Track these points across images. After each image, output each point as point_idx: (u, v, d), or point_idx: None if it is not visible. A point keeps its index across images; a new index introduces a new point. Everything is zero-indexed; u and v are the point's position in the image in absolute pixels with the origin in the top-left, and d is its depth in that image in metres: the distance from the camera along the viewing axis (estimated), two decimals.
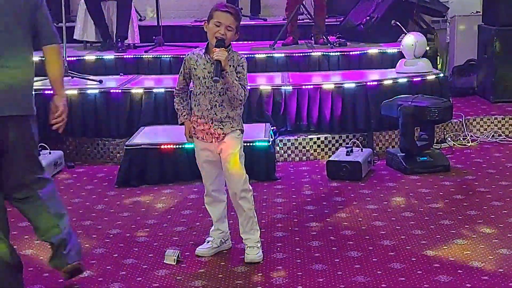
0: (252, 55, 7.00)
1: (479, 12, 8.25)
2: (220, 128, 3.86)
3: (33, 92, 3.66)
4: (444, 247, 4.06)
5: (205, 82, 3.82)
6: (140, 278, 3.77)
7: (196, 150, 4.01)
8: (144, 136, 5.80)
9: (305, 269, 3.82)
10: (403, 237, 4.25)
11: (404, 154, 5.65)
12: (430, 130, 5.82)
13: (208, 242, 4.08)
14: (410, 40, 6.64)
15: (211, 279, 3.75)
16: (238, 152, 3.90)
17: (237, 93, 3.78)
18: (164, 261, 3.95)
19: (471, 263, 3.82)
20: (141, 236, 4.40)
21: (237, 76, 3.81)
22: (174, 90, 4.03)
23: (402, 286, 3.58)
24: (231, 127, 3.87)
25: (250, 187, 3.97)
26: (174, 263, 3.91)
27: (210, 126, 3.86)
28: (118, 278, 3.79)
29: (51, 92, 3.78)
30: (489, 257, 3.90)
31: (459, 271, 3.73)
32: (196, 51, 3.92)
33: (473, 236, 4.22)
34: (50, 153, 5.86)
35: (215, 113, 3.84)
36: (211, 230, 4.11)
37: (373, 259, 3.92)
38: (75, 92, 6.25)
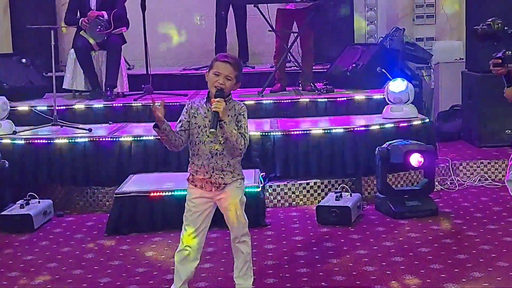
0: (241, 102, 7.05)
1: (463, 58, 8.41)
2: (221, 178, 3.86)
3: None
4: None
5: (206, 131, 3.82)
6: None
7: (188, 199, 3.94)
8: (133, 184, 5.81)
9: None
10: (393, 282, 4.26)
11: (390, 198, 5.71)
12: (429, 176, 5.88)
13: None
14: (396, 86, 6.75)
15: None
16: (240, 200, 3.91)
17: (237, 142, 3.79)
18: None
19: None
20: (132, 285, 4.38)
21: (237, 125, 3.84)
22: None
23: None
24: (232, 177, 3.88)
25: (248, 232, 3.99)
26: None
27: (211, 176, 3.85)
28: None
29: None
30: None
31: None
32: (197, 100, 3.94)
33: (463, 280, 4.24)
34: (39, 202, 5.84)
35: (216, 162, 3.84)
36: None
37: None
38: (64, 141, 6.27)
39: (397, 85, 6.77)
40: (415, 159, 5.74)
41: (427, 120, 6.86)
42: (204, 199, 3.90)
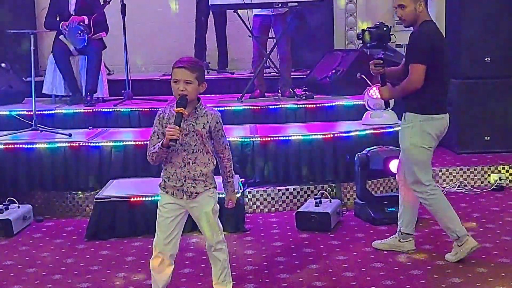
0: (220, 108, 7.07)
1: None
2: (193, 187, 3.83)
3: None
4: None
5: (178, 139, 3.74)
6: None
7: (160, 205, 3.89)
8: (113, 189, 5.79)
9: None
10: (373, 287, 4.28)
11: (369, 204, 5.73)
12: None
13: None
14: (376, 92, 6.78)
15: None
16: (212, 209, 3.89)
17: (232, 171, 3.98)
18: None
19: None
20: None
21: (217, 135, 3.84)
22: (147, 152, 3.84)
23: None
24: (204, 186, 3.85)
25: (224, 239, 3.98)
26: None
27: (183, 184, 3.82)
28: None
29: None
30: None
31: None
32: (167, 108, 3.86)
33: (442, 286, 4.27)
34: (18, 207, 5.83)
35: (188, 171, 3.81)
36: None
37: None
38: (44, 145, 6.24)
39: (376, 91, 6.80)
40: (395, 165, 5.76)
41: None
42: (176, 206, 3.86)
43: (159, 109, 3.92)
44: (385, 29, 4.86)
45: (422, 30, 4.68)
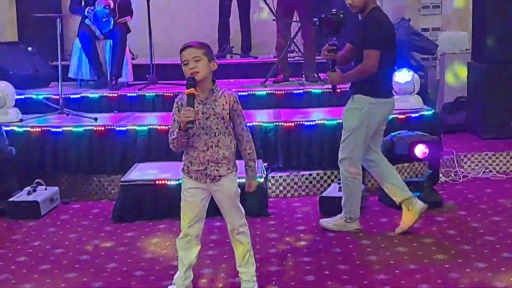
0: (244, 93, 7.08)
1: (469, 50, 8.41)
2: (216, 170, 3.83)
3: None
4: (439, 281, 4.11)
5: (200, 123, 3.76)
6: None
7: (184, 189, 3.92)
8: (138, 173, 5.84)
9: None
10: (397, 271, 4.28)
11: None
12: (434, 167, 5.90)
13: None
14: (401, 77, 6.75)
15: None
16: (234, 192, 3.91)
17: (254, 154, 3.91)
18: None
19: None
20: (138, 270, 4.42)
21: (236, 114, 3.83)
22: (169, 140, 3.83)
23: None
24: (227, 169, 3.84)
25: (246, 222, 3.99)
26: None
27: (206, 168, 3.83)
28: None
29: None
30: None
31: None
32: (184, 94, 3.80)
33: (467, 270, 4.27)
34: (46, 189, 5.89)
35: (211, 155, 3.81)
36: (176, 277, 4.00)
37: None
38: (70, 129, 6.30)
39: (403, 76, 6.78)
40: (420, 150, 5.75)
41: (432, 111, 6.87)
42: (199, 190, 3.88)
43: (177, 97, 3.91)
44: (341, 16, 4.94)
45: (375, 17, 4.86)
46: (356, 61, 4.97)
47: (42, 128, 6.35)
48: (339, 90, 7.02)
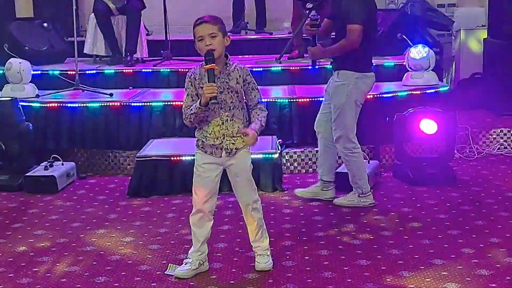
0: (258, 69, 7.08)
1: (485, 25, 8.35)
2: (232, 143, 3.85)
3: None
4: (452, 255, 4.13)
5: (215, 97, 3.75)
6: (155, 284, 3.85)
7: (198, 164, 3.91)
8: (154, 148, 5.88)
9: (314, 277, 3.88)
10: (411, 246, 4.31)
11: (408, 166, 5.73)
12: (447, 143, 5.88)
13: (186, 263, 3.98)
14: (417, 53, 6.73)
15: (223, 285, 3.83)
16: (250, 165, 3.93)
17: (265, 123, 3.85)
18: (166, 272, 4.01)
19: (478, 272, 3.88)
20: (154, 244, 4.48)
21: (250, 87, 3.85)
22: (183, 115, 3.85)
23: None
24: (242, 141, 3.86)
25: (259, 197, 4.01)
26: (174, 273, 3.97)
27: (222, 142, 3.85)
28: (134, 283, 3.87)
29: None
30: (497, 265, 3.96)
31: (467, 278, 3.79)
32: (196, 69, 3.86)
33: (480, 245, 4.28)
34: (62, 164, 5.95)
35: (227, 128, 3.83)
36: (190, 251, 4.00)
37: (382, 267, 3.99)
38: (86, 104, 6.35)
39: (418, 52, 6.75)
40: (425, 124, 5.74)
41: (448, 87, 6.85)
42: (213, 165, 3.89)
43: (188, 71, 3.92)
44: None
45: None
46: (336, 36, 5.00)
47: (59, 104, 6.40)
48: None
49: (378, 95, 6.40)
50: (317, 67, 6.06)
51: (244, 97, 3.89)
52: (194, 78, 3.83)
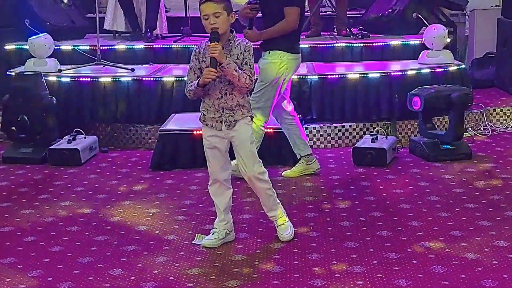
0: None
1: (499, 5, 8.41)
2: (231, 116, 3.94)
3: None
4: (470, 228, 4.26)
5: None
6: (183, 253, 4.00)
7: (204, 137, 4.04)
8: (175, 123, 6.00)
9: (338, 247, 4.02)
10: (430, 218, 4.44)
11: (427, 141, 5.84)
12: (459, 119, 5.95)
13: (213, 233, 4.10)
14: (434, 32, 6.81)
15: (249, 254, 3.97)
16: (250, 137, 4.01)
17: (240, 82, 3.84)
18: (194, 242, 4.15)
19: (496, 243, 4.01)
20: (180, 215, 4.62)
21: (242, 62, 3.88)
22: (185, 87, 4.02)
23: (432, 263, 3.77)
24: (242, 114, 3.96)
25: (264, 169, 4.07)
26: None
27: (222, 114, 3.95)
28: (162, 252, 4.01)
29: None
30: None
31: (485, 249, 3.93)
32: (203, 43, 3.96)
33: (497, 218, 4.41)
34: (85, 137, 6.08)
35: (226, 102, 3.92)
36: (216, 221, 4.13)
37: (403, 238, 4.12)
38: (108, 79, 6.47)
39: (434, 31, 6.83)
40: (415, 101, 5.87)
41: (463, 66, 6.95)
42: (217, 138, 4.00)
43: (195, 47, 4.02)
44: None
45: None
46: (267, 18, 5.06)
47: (81, 78, 6.52)
48: (369, 45, 7.21)
49: (394, 73, 6.50)
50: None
51: None
52: (199, 51, 3.95)
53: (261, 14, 5.16)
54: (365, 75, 6.47)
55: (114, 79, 6.47)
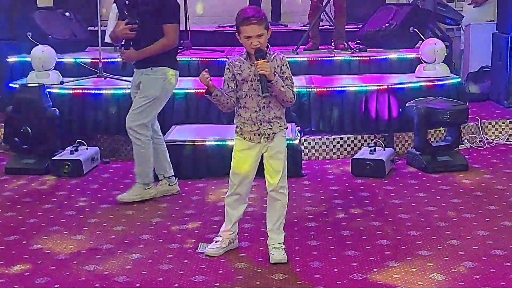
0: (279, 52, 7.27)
1: (494, 20, 8.54)
2: (269, 128, 3.98)
3: None
4: (468, 237, 4.35)
5: (252, 84, 3.94)
6: (187, 261, 4.07)
7: (239, 150, 4.04)
8: (177, 134, 6.09)
9: (339, 255, 4.11)
10: (428, 228, 4.53)
11: (424, 153, 5.94)
12: (455, 132, 6.07)
13: (217, 242, 4.16)
14: (430, 46, 6.94)
15: (252, 262, 4.05)
16: (285, 150, 4.06)
17: (286, 97, 3.92)
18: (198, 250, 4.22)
19: (493, 252, 4.10)
20: (182, 224, 4.70)
21: (282, 77, 3.94)
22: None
23: (431, 271, 3.86)
24: (279, 126, 4.01)
25: (287, 186, 4.13)
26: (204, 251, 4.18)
27: (259, 127, 3.99)
28: (167, 260, 4.09)
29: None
30: (510, 246, 4.18)
31: (483, 258, 4.01)
32: (236, 57, 4.03)
33: (494, 228, 4.50)
34: (87, 149, 6.16)
35: (264, 115, 3.97)
36: (222, 229, 4.19)
37: (402, 247, 4.21)
38: (109, 92, 6.55)
39: (429, 45, 6.95)
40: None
41: (459, 79, 7.06)
42: (251, 150, 4.03)
43: (227, 61, 4.09)
44: None
45: None
46: (148, 36, 5.04)
47: (83, 90, 6.60)
48: (367, 58, 7.31)
49: (391, 86, 6.61)
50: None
51: None
52: (233, 65, 3.99)
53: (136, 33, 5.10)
54: (363, 88, 6.57)
55: (115, 92, 6.55)
